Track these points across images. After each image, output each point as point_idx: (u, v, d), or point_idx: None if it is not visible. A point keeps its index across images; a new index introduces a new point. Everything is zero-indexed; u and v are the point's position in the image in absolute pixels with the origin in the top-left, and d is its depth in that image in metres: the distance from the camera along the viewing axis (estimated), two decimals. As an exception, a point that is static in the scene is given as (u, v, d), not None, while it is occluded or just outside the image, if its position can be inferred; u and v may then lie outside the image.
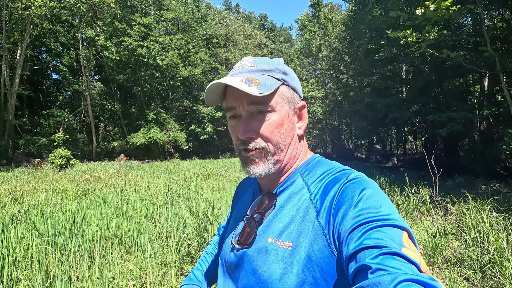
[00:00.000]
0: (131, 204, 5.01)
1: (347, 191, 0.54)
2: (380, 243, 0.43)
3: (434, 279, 0.38)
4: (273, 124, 0.62)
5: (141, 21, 22.78)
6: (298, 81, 0.70)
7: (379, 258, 0.41)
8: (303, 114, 0.69)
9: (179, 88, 26.74)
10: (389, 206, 0.51)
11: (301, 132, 0.68)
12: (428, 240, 3.51)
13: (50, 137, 17.19)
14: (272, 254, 0.58)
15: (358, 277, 0.43)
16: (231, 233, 0.73)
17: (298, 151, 0.68)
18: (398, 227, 0.47)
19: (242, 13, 47.95)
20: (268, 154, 0.62)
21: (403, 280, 0.37)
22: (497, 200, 4.98)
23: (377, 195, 0.52)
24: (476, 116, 10.16)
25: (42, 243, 3.04)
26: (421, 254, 0.45)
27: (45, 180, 8.44)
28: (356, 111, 19.66)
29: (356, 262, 0.44)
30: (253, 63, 0.66)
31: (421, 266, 0.42)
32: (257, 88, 0.58)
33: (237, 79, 0.59)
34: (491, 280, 2.78)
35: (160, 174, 11.07)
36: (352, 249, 0.45)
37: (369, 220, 0.47)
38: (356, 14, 17.31)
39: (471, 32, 10.80)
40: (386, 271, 0.39)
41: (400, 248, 0.43)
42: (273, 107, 0.62)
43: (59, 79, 25.07)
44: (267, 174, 0.63)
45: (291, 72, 0.68)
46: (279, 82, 0.63)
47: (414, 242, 0.47)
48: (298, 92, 0.68)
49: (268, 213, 0.64)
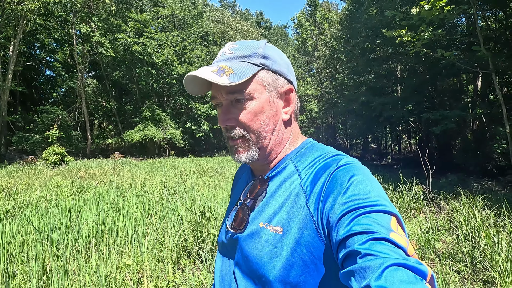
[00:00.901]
0: (127, 200, 5.00)
1: (336, 178, 0.55)
2: (368, 228, 0.44)
3: (420, 263, 0.40)
4: (252, 112, 0.61)
5: (137, 18, 22.59)
6: (285, 63, 0.66)
7: (368, 243, 0.42)
8: (290, 98, 0.66)
9: (175, 85, 26.58)
10: (378, 192, 0.51)
11: (287, 117, 0.66)
12: (421, 235, 3.58)
13: (43, 134, 16.99)
14: (263, 239, 0.60)
15: (347, 262, 0.44)
16: (227, 217, 0.74)
17: (284, 136, 0.67)
18: (387, 212, 0.47)
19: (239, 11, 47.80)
20: (250, 142, 0.63)
21: (390, 265, 0.38)
22: (488, 198, 5.08)
23: (366, 181, 0.53)
24: (469, 115, 10.30)
25: (38, 238, 3.03)
26: (409, 240, 0.46)
27: (39, 177, 8.37)
28: (351, 110, 19.79)
29: (346, 247, 0.45)
30: (231, 50, 0.64)
31: (408, 250, 0.43)
32: (228, 78, 0.57)
33: (209, 69, 0.59)
34: (482, 273, 2.85)
35: (155, 171, 11.04)
36: (342, 235, 0.46)
37: (358, 206, 0.48)
38: (352, 13, 17.39)
39: (465, 32, 10.94)
40: (374, 256, 0.40)
41: (388, 233, 0.43)
42: (251, 94, 0.60)
43: (53, 76, 24.76)
44: (251, 161, 0.64)
45: (274, 54, 0.64)
46: (257, 67, 0.61)
47: (402, 227, 0.48)
48: (283, 75, 0.65)
49: (260, 198, 0.65)
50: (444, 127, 9.52)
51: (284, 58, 0.67)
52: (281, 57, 0.66)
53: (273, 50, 0.65)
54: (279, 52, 0.67)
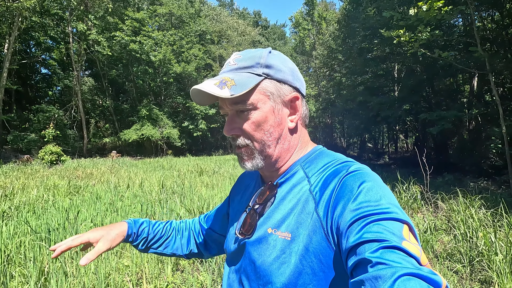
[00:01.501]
0: (125, 200, 4.97)
1: (346, 184, 0.54)
2: (380, 236, 0.43)
3: (434, 273, 0.38)
4: (255, 122, 0.62)
5: (134, 16, 22.44)
6: (290, 70, 0.66)
7: (379, 252, 0.41)
8: (296, 105, 0.66)
9: (172, 84, 26.49)
10: (389, 199, 0.50)
11: (293, 125, 0.66)
12: (420, 235, 3.60)
13: (39, 133, 16.84)
14: (271, 244, 0.59)
15: (358, 270, 0.43)
16: (234, 223, 0.74)
17: (292, 144, 0.67)
18: (399, 220, 0.46)
19: (236, 9, 47.66)
20: (254, 152, 0.63)
21: (403, 274, 0.37)
22: (485, 197, 5.13)
23: (377, 188, 0.52)
24: (466, 115, 10.38)
25: (35, 239, 3.00)
26: (422, 249, 0.45)
27: (35, 177, 8.30)
28: (348, 109, 19.84)
29: (356, 255, 0.44)
30: (235, 61, 0.65)
31: (421, 260, 0.42)
32: (230, 90, 0.58)
33: (212, 82, 0.60)
34: (479, 274, 2.87)
35: (153, 170, 10.99)
36: (352, 242, 0.45)
37: (369, 213, 0.47)
38: (350, 12, 17.41)
39: (462, 32, 11.01)
40: (386, 265, 0.39)
41: (400, 241, 0.42)
42: (254, 104, 0.61)
43: (49, 74, 24.53)
44: (257, 168, 0.65)
45: (278, 63, 0.64)
46: (260, 77, 0.62)
47: (415, 235, 0.47)
48: (288, 83, 0.65)
49: (269, 204, 0.65)
50: (441, 128, 9.58)
51: (289, 65, 0.66)
52: (286, 64, 0.66)
53: (276, 58, 0.65)
54: (283, 60, 0.66)
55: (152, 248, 0.89)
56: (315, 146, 0.71)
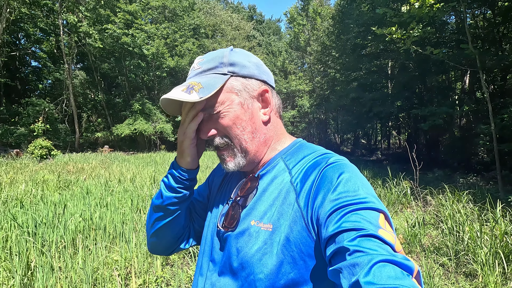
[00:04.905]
0: (115, 195, 4.93)
1: (326, 175, 0.56)
2: (357, 225, 0.45)
3: (407, 259, 0.41)
4: (228, 120, 0.63)
5: (126, 8, 21.99)
6: (254, 65, 0.67)
7: (357, 240, 0.43)
8: (267, 98, 0.67)
9: (166, 78, 26.17)
10: (367, 189, 0.53)
11: (266, 117, 0.67)
12: (408, 230, 3.66)
13: (29, 127, 16.53)
14: (253, 236, 0.60)
15: (336, 258, 0.45)
16: (215, 215, 0.73)
17: (267, 136, 0.68)
18: (375, 210, 0.49)
19: (231, 3, 47.14)
20: (233, 149, 0.65)
21: (379, 261, 0.39)
22: (472, 192, 5.22)
23: (355, 179, 0.54)
24: (457, 112, 10.52)
25: (22, 234, 2.96)
26: (397, 237, 0.47)
27: (24, 171, 8.16)
28: (342, 105, 19.91)
29: (335, 243, 0.46)
30: (199, 64, 0.66)
31: (396, 247, 0.44)
32: (198, 94, 0.59)
33: (179, 89, 0.61)
34: (465, 267, 2.93)
35: (146, 165, 10.92)
36: (331, 231, 0.47)
37: (347, 203, 0.49)
38: (344, 8, 17.39)
39: (454, 30, 11.09)
40: (363, 253, 0.41)
41: (376, 230, 0.45)
42: (224, 103, 0.62)
43: (39, 67, 23.98)
44: (240, 168, 0.66)
45: (241, 59, 0.65)
46: (226, 76, 0.63)
47: (390, 223, 0.49)
48: (254, 77, 0.66)
49: (251, 196, 0.65)
50: (432, 123, 9.70)
51: (252, 60, 0.68)
52: (249, 59, 0.67)
53: (239, 55, 0.66)
54: (246, 55, 0.68)
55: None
56: (295, 139, 0.73)
